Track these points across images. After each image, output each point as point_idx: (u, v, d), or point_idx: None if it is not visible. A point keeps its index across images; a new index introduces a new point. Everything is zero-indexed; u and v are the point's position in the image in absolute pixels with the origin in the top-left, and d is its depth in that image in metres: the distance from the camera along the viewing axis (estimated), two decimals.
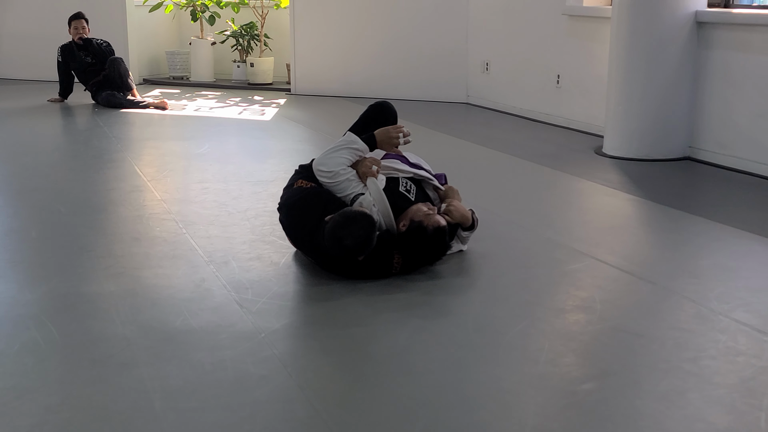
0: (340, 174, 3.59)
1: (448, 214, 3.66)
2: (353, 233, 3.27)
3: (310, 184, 3.66)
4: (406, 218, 3.53)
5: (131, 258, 3.79)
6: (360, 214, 3.32)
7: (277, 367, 2.69)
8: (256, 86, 10.16)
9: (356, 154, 3.67)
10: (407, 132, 3.77)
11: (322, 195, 3.59)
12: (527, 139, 6.93)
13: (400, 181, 3.72)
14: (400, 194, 3.66)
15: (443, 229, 3.48)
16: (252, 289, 3.39)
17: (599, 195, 5.12)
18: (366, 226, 3.28)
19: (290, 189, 3.73)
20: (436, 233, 3.46)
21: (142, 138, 7.14)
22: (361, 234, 3.27)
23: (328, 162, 3.62)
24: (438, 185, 3.91)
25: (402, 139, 3.74)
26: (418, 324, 3.08)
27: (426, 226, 3.44)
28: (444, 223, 3.51)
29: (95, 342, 2.90)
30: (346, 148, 3.65)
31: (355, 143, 3.67)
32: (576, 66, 7.23)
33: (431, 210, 3.54)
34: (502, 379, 2.64)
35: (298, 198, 3.61)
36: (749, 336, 2.93)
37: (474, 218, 3.78)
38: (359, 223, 3.28)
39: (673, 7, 5.78)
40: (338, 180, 3.59)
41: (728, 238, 4.16)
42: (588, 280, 3.58)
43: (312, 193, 3.60)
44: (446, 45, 8.86)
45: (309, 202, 3.55)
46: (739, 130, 5.63)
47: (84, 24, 8.56)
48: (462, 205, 3.76)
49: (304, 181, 3.69)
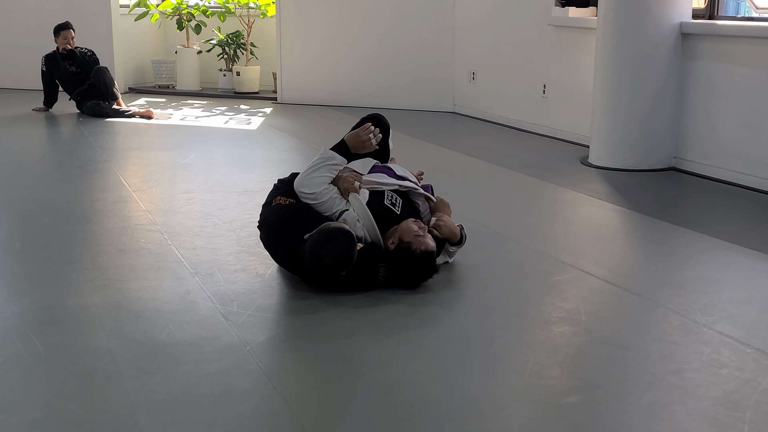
0: (322, 194, 3.58)
1: (437, 229, 3.66)
2: (333, 251, 3.26)
3: (289, 201, 3.62)
4: (395, 236, 3.52)
5: (116, 270, 3.78)
6: (338, 231, 3.30)
7: (262, 381, 2.68)
8: (243, 95, 10.15)
9: (334, 169, 3.65)
10: (377, 132, 3.76)
11: (302, 210, 3.56)
12: (513, 148, 6.96)
13: (385, 194, 3.71)
14: (386, 207, 3.65)
15: (431, 254, 3.47)
16: (237, 301, 3.38)
17: (585, 205, 5.13)
18: (345, 242, 3.27)
19: (269, 206, 3.69)
20: (424, 257, 3.44)
21: (128, 147, 7.12)
22: (340, 251, 3.26)
23: (309, 183, 3.59)
24: (430, 196, 3.91)
25: (374, 139, 3.74)
26: (404, 336, 3.08)
27: (414, 250, 3.43)
28: (433, 246, 3.49)
29: (80, 355, 2.89)
30: (324, 166, 3.62)
31: (332, 159, 3.65)
32: (562, 76, 7.26)
33: (421, 229, 3.52)
34: (487, 391, 2.64)
35: (277, 216, 3.57)
36: (732, 348, 2.95)
37: (462, 234, 3.79)
38: (338, 240, 3.27)
39: (657, 19, 5.82)
40: (322, 200, 3.57)
41: (712, 249, 4.18)
42: (574, 292, 3.59)
43: (291, 210, 3.57)
44: (432, 54, 8.88)
45: (289, 220, 3.52)
46: (724, 140, 5.67)
47: (72, 34, 8.54)
48: (451, 220, 3.77)
49: (282, 198, 3.65)
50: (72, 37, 8.53)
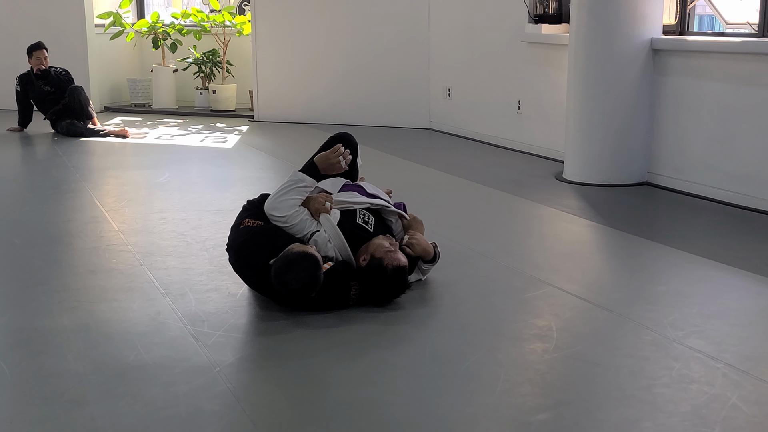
0: (293, 217, 3.56)
1: (410, 247, 3.66)
2: (297, 276, 3.26)
3: (257, 223, 3.59)
4: (366, 252, 3.52)
5: (86, 291, 3.74)
6: (301, 256, 3.29)
7: (231, 402, 2.66)
8: (219, 113, 10.14)
9: (304, 191, 3.63)
10: (347, 153, 3.75)
11: (270, 233, 3.53)
12: (489, 165, 6.98)
13: (357, 212, 3.70)
14: (358, 226, 3.65)
15: (403, 269, 3.47)
16: (208, 321, 3.36)
17: (559, 221, 5.15)
18: (308, 267, 3.26)
19: (237, 229, 3.66)
20: (396, 273, 3.44)
21: (102, 167, 7.08)
22: (305, 276, 3.26)
23: (280, 206, 3.56)
24: (403, 214, 3.91)
25: (343, 162, 3.72)
26: (375, 355, 3.07)
27: (386, 265, 3.43)
28: (404, 261, 3.49)
29: (47, 378, 2.85)
30: (294, 189, 3.60)
31: (302, 181, 3.63)
32: (536, 92, 7.31)
33: (393, 246, 3.52)
34: (457, 410, 2.63)
35: (245, 239, 3.55)
36: (702, 363, 2.96)
37: (436, 252, 3.79)
38: (301, 264, 3.26)
39: (628, 35, 5.87)
40: (293, 223, 3.56)
41: (684, 263, 4.20)
42: (546, 308, 3.59)
43: (258, 233, 3.54)
44: (408, 71, 8.91)
45: (256, 243, 3.49)
46: (695, 155, 5.72)
47: (45, 54, 8.51)
48: (424, 238, 3.77)
49: (250, 220, 3.62)
50: (45, 57, 8.51)
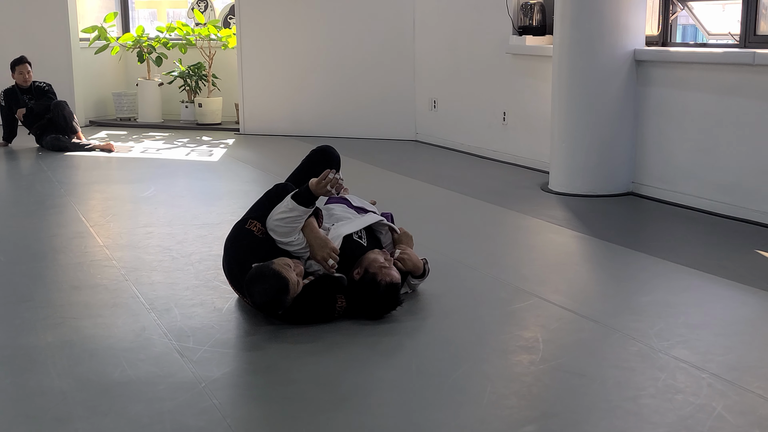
0: (291, 244, 3.51)
1: (401, 262, 3.67)
2: (262, 292, 3.27)
3: (262, 231, 3.52)
4: (361, 267, 3.51)
5: (70, 307, 3.72)
6: (272, 274, 3.26)
7: (217, 418, 2.65)
8: (205, 127, 10.13)
9: (299, 220, 3.49)
10: (333, 178, 3.51)
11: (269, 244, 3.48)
12: (475, 176, 6.99)
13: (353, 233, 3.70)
14: (355, 242, 3.65)
15: (396, 286, 3.47)
16: (193, 336, 3.34)
17: (545, 232, 5.16)
18: (274, 286, 3.24)
19: (240, 229, 3.58)
20: (389, 289, 3.44)
21: (87, 182, 7.06)
22: (269, 294, 3.26)
23: (277, 230, 3.49)
24: (394, 228, 3.91)
25: (333, 190, 3.54)
26: (361, 369, 3.06)
27: (379, 281, 3.43)
28: (398, 278, 3.50)
29: (30, 396, 2.83)
30: (288, 218, 3.46)
31: (295, 210, 3.46)
32: (521, 103, 7.33)
33: (387, 261, 3.52)
34: (444, 423, 2.63)
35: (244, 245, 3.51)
36: (688, 373, 2.97)
37: (426, 268, 3.81)
38: (269, 283, 3.25)
39: (612, 46, 5.90)
40: (291, 246, 3.50)
41: (669, 273, 4.22)
42: (532, 320, 3.60)
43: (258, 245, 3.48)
44: (394, 83, 8.93)
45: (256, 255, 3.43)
46: (679, 165, 5.75)
47: (29, 68, 8.49)
48: (415, 253, 3.78)
49: (258, 225, 3.53)
50: (28, 71, 8.48)
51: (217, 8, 11.19)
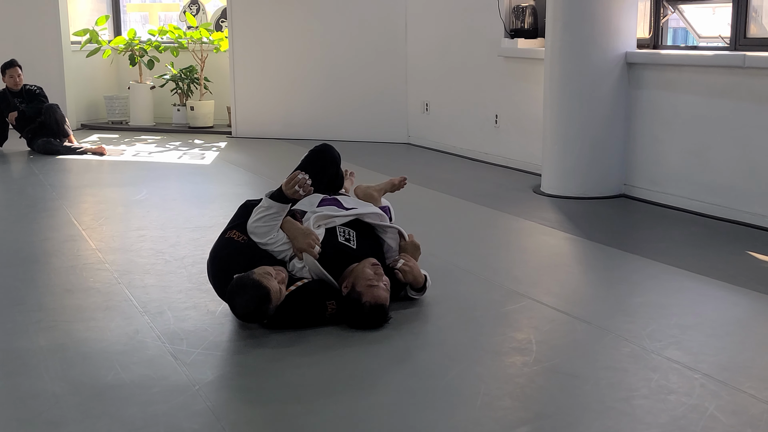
0: (270, 242, 3.52)
1: (402, 273, 3.60)
2: (242, 303, 3.26)
3: (242, 237, 3.54)
4: (349, 279, 3.45)
5: (63, 311, 3.71)
6: (252, 285, 3.23)
7: (210, 421, 2.65)
8: (197, 130, 10.11)
9: (277, 217, 3.51)
10: (301, 179, 3.49)
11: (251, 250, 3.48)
12: (467, 179, 7.00)
13: (337, 230, 3.66)
14: (341, 245, 3.59)
15: (381, 307, 3.39)
16: (187, 339, 3.34)
17: (537, 234, 5.18)
18: (256, 296, 3.21)
19: (221, 240, 3.61)
20: (372, 311, 3.37)
21: (79, 185, 7.04)
22: (249, 305, 3.24)
23: (256, 231, 3.51)
24: (402, 233, 3.82)
25: (301, 190, 3.50)
26: (354, 371, 3.06)
27: (364, 303, 3.36)
28: (384, 297, 3.39)
29: (23, 400, 2.83)
30: (265, 216, 3.49)
31: (270, 208, 3.49)
32: (513, 106, 7.35)
33: (377, 276, 3.41)
34: (437, 425, 2.63)
35: (226, 253, 3.52)
36: (680, 374, 2.98)
37: (426, 283, 3.73)
38: (249, 293, 3.23)
39: (603, 49, 5.92)
40: (271, 247, 3.52)
41: (661, 275, 4.23)
42: (525, 321, 3.61)
43: (239, 252, 3.49)
44: (386, 86, 8.94)
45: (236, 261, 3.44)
46: (670, 167, 5.77)
47: (19, 71, 8.47)
48: (417, 266, 3.69)
49: (237, 233, 3.57)
50: (19, 74, 8.46)
51: (209, 11, 11.18)
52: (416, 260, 3.75)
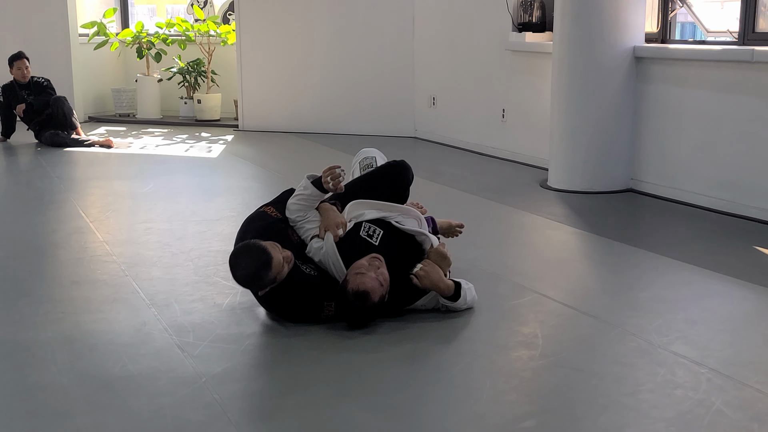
0: (296, 221, 3.59)
1: (418, 278, 3.43)
2: (242, 264, 3.25)
3: (276, 213, 3.61)
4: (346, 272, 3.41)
5: (70, 303, 3.73)
6: (256, 248, 3.23)
7: (217, 413, 2.66)
8: (204, 123, 10.12)
9: (311, 201, 3.58)
10: (335, 173, 3.51)
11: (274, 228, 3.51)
12: (474, 173, 7.00)
13: (362, 225, 3.59)
14: (361, 239, 3.52)
15: (364, 294, 3.22)
16: (194, 332, 3.35)
17: (543, 228, 5.17)
18: (256, 261, 3.20)
19: (257, 211, 3.67)
20: (356, 297, 3.23)
21: (86, 177, 7.06)
22: (249, 268, 3.22)
23: (290, 207, 3.60)
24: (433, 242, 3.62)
25: (330, 184, 3.52)
26: (360, 365, 3.07)
27: (348, 290, 3.25)
28: (370, 285, 3.23)
29: (31, 391, 2.84)
30: (302, 196, 3.58)
31: (308, 188, 3.57)
32: (520, 100, 7.34)
33: (371, 267, 3.31)
34: (443, 418, 2.64)
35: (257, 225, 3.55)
36: (686, 369, 2.98)
37: (460, 291, 3.49)
38: (252, 255, 3.22)
39: (611, 43, 5.91)
40: (298, 225, 3.59)
41: (667, 269, 4.23)
42: (531, 316, 3.61)
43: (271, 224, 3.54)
44: (393, 80, 8.93)
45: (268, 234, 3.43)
46: (678, 162, 5.76)
47: (27, 64, 8.48)
48: (439, 272, 3.46)
49: (272, 208, 3.64)
50: (26, 66, 8.47)
51: (217, 4, 11.18)
52: (444, 270, 3.53)
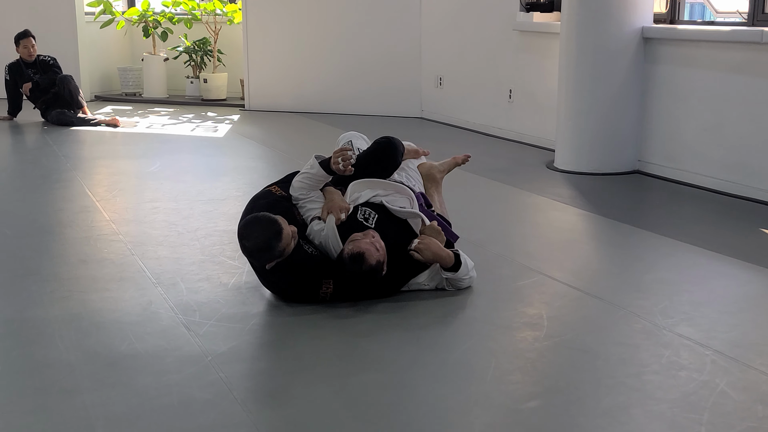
0: (298, 199, 3.62)
1: (418, 252, 3.46)
2: (253, 234, 3.28)
3: (281, 192, 3.66)
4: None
5: (77, 281, 3.74)
6: (267, 219, 3.29)
7: (223, 391, 2.67)
8: (210, 102, 10.11)
9: (317, 181, 3.60)
10: (346, 156, 3.53)
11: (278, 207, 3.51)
12: (480, 153, 6.96)
13: (358, 209, 3.60)
14: (358, 222, 3.54)
15: (360, 255, 3.26)
16: (200, 311, 3.36)
17: (550, 210, 5.17)
18: (267, 231, 3.24)
19: (263, 190, 3.74)
20: (352, 260, 3.26)
21: (93, 157, 7.06)
22: (259, 238, 3.25)
23: (295, 186, 3.63)
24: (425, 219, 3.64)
25: (341, 164, 3.53)
26: (365, 345, 3.08)
27: (345, 254, 3.30)
28: (364, 248, 3.27)
29: (38, 368, 2.86)
30: (308, 175, 3.60)
31: (312, 168, 3.59)
32: (527, 81, 7.31)
33: (365, 237, 3.35)
34: (448, 398, 2.65)
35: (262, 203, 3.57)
36: (691, 350, 2.98)
37: (460, 259, 3.52)
38: (262, 225, 3.27)
39: (619, 23, 5.87)
40: (300, 204, 3.62)
41: (673, 251, 4.22)
42: (536, 296, 3.61)
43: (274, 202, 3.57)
44: (400, 60, 8.90)
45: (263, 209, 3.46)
46: (686, 143, 5.73)
47: (33, 42, 8.47)
48: (437, 244, 3.49)
49: (277, 187, 3.70)
50: (33, 45, 8.46)
51: None
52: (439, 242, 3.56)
